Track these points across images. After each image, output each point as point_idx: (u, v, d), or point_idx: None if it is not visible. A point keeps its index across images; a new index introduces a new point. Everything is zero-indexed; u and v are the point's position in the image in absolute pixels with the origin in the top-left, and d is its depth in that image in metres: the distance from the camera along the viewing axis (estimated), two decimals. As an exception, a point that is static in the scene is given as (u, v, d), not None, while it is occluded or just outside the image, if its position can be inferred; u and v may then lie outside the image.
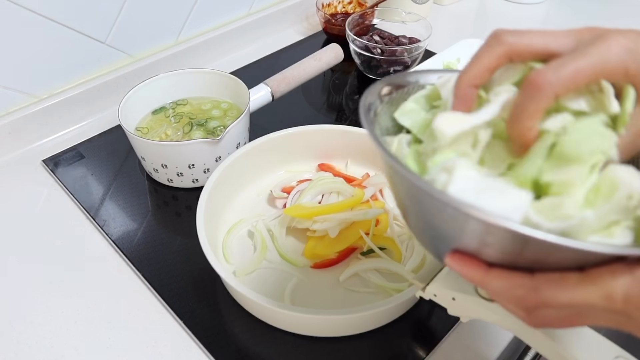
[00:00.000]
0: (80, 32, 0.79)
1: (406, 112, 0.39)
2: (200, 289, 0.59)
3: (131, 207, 0.69)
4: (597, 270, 0.27)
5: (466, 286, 0.45)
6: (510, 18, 1.15)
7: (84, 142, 0.79)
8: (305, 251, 0.61)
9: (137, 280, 0.61)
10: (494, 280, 0.30)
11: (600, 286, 0.27)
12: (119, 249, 0.63)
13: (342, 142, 0.70)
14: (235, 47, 1.00)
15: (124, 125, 0.66)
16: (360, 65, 0.92)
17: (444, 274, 0.48)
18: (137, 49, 0.88)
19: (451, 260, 0.31)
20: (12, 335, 0.56)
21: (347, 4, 1.07)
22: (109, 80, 0.85)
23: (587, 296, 0.27)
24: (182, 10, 0.91)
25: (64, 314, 0.58)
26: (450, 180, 0.30)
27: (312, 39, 1.05)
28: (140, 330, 0.56)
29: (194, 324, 0.55)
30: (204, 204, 0.58)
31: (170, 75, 0.76)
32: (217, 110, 0.76)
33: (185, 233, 0.65)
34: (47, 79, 0.80)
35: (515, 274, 0.29)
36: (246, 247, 0.62)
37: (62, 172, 0.74)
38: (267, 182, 0.69)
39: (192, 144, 0.65)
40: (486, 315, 0.44)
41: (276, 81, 0.77)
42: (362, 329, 0.54)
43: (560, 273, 0.28)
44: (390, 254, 0.60)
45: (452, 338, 0.55)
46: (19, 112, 0.77)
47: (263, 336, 0.54)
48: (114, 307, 0.58)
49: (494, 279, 0.30)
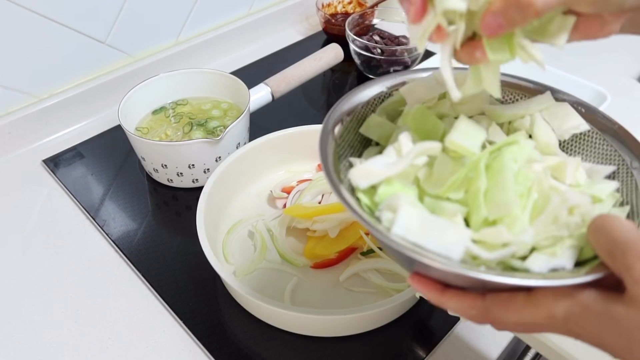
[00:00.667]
0: (80, 32, 0.79)
1: (372, 126, 0.41)
2: (200, 289, 0.59)
3: (131, 207, 0.69)
4: (542, 293, 0.29)
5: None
6: (510, 18, 1.15)
7: (84, 142, 0.79)
8: (305, 251, 0.61)
9: (137, 280, 0.61)
10: (450, 302, 0.32)
11: (544, 308, 0.29)
12: (119, 249, 0.63)
13: (342, 142, 0.70)
14: (235, 47, 1.00)
15: (124, 125, 0.66)
16: (360, 65, 0.92)
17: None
18: (137, 49, 0.88)
19: (412, 281, 0.33)
20: (12, 335, 0.56)
21: (347, 4, 1.07)
22: (109, 80, 0.85)
23: (532, 316, 0.30)
24: (182, 10, 0.91)
25: (64, 314, 0.58)
26: (395, 220, 0.32)
27: (312, 39, 1.05)
28: (140, 330, 0.56)
29: (194, 324, 0.55)
30: (204, 204, 0.58)
31: (170, 75, 0.76)
32: (217, 110, 0.76)
33: (185, 233, 0.65)
34: (47, 79, 0.80)
35: (468, 296, 0.32)
36: (246, 247, 0.62)
37: (62, 172, 0.74)
38: (267, 182, 0.69)
39: (192, 144, 0.65)
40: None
41: (276, 81, 0.77)
42: (362, 329, 0.54)
43: (508, 294, 0.31)
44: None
45: (452, 338, 0.55)
46: (19, 112, 0.77)
47: (263, 336, 0.54)
48: (114, 307, 0.58)
49: (450, 301, 0.32)
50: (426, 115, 0.39)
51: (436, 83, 0.41)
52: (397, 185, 0.34)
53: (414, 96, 0.40)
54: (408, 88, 0.41)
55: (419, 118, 0.39)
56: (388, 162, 0.35)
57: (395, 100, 0.42)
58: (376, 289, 0.57)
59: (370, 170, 0.34)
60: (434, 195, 0.35)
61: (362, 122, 0.41)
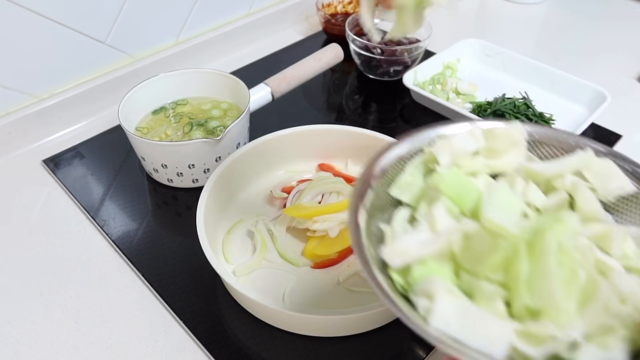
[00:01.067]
0: (80, 32, 0.79)
1: (402, 186, 0.39)
2: (200, 289, 0.59)
3: (131, 207, 0.69)
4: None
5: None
6: (510, 18, 1.15)
7: (84, 142, 0.79)
8: (305, 251, 0.61)
9: (137, 280, 0.61)
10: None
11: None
12: (119, 249, 0.63)
13: (342, 142, 0.70)
14: (235, 47, 1.00)
15: (124, 125, 0.66)
16: (360, 65, 0.92)
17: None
18: (137, 49, 0.88)
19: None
20: (12, 335, 0.56)
21: (347, 4, 1.07)
22: (109, 80, 0.85)
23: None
24: (182, 10, 0.91)
25: (64, 314, 0.58)
26: (432, 311, 0.30)
27: (312, 39, 1.05)
28: (140, 331, 0.56)
29: (194, 324, 0.55)
30: (204, 204, 0.58)
31: (170, 75, 0.76)
32: (217, 110, 0.76)
33: (185, 233, 0.65)
34: (47, 79, 0.80)
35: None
36: (246, 247, 0.62)
37: (62, 172, 0.74)
38: (267, 182, 0.69)
39: (192, 144, 0.65)
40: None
41: (276, 81, 0.77)
42: (362, 329, 0.54)
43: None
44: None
45: (452, 338, 0.55)
46: (19, 112, 0.77)
47: (263, 336, 0.54)
48: (114, 307, 0.58)
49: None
50: (460, 179, 0.37)
51: (470, 138, 0.40)
52: (432, 264, 0.33)
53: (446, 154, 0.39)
54: (440, 145, 0.39)
55: (452, 183, 0.37)
56: (422, 239, 0.34)
57: (426, 158, 0.40)
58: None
59: (404, 249, 0.33)
60: (472, 271, 0.33)
61: (391, 182, 0.39)
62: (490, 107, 0.81)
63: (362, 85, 0.93)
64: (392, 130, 0.84)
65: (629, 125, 0.83)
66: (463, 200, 0.36)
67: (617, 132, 0.81)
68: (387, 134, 0.68)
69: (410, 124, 0.85)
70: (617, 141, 0.80)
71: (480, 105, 0.82)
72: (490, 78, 0.91)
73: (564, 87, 0.86)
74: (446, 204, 0.36)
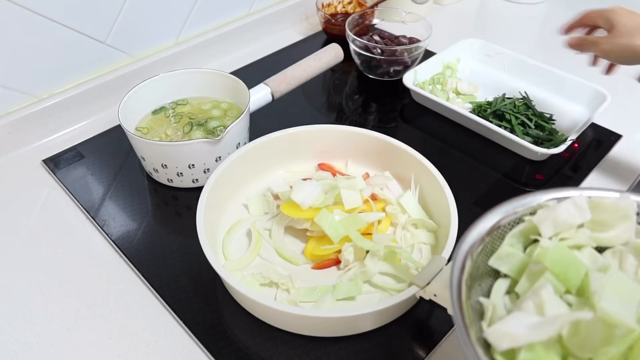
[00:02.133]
0: (80, 32, 0.79)
1: (502, 257, 0.38)
2: (200, 289, 0.59)
3: (131, 207, 0.69)
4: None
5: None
6: (511, 18, 1.15)
7: (84, 142, 0.79)
8: (305, 251, 0.61)
9: (137, 280, 0.61)
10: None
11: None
12: (119, 249, 0.63)
13: (342, 142, 0.70)
14: (235, 47, 1.00)
15: (124, 125, 0.66)
16: (360, 65, 0.92)
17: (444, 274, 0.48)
18: (137, 49, 0.88)
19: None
20: (12, 335, 0.56)
21: (347, 4, 1.07)
22: (109, 80, 0.85)
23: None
24: (182, 10, 0.91)
25: (64, 314, 0.58)
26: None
27: (312, 39, 1.05)
28: (141, 330, 0.56)
29: (194, 324, 0.55)
30: (204, 204, 0.58)
31: (170, 75, 0.76)
32: (217, 110, 0.76)
33: (185, 233, 0.65)
34: (47, 79, 0.80)
35: None
36: (246, 247, 0.62)
37: (62, 172, 0.74)
38: (267, 182, 0.69)
39: (192, 144, 0.65)
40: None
41: (276, 81, 0.77)
42: (362, 329, 0.54)
43: None
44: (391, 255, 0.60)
45: (452, 338, 0.55)
46: (19, 112, 0.77)
47: (263, 336, 0.54)
48: (114, 307, 0.58)
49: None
50: (566, 254, 0.36)
51: (575, 209, 0.38)
52: (540, 350, 0.32)
53: (549, 225, 0.38)
54: (542, 216, 0.38)
55: (557, 258, 0.35)
56: (530, 322, 0.33)
57: (527, 228, 0.39)
58: (376, 289, 0.57)
59: (512, 333, 0.32)
60: (582, 359, 0.32)
61: (489, 252, 0.38)
62: (490, 107, 0.81)
63: (362, 85, 0.93)
64: (392, 130, 0.84)
65: (629, 125, 0.83)
66: (569, 277, 0.35)
67: (617, 132, 0.81)
68: (387, 134, 0.68)
69: (410, 124, 0.85)
70: (617, 141, 0.80)
71: (481, 106, 0.83)
72: (491, 78, 0.91)
73: (564, 87, 0.86)
74: (551, 281, 0.35)
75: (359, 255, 0.59)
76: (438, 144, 0.80)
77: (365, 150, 0.70)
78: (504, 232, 0.39)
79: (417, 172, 0.65)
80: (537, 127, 0.77)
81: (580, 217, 0.38)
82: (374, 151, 0.69)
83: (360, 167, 0.72)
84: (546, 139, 0.75)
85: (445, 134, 0.81)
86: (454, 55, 0.93)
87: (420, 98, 0.85)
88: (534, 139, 0.76)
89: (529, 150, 0.72)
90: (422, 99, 0.85)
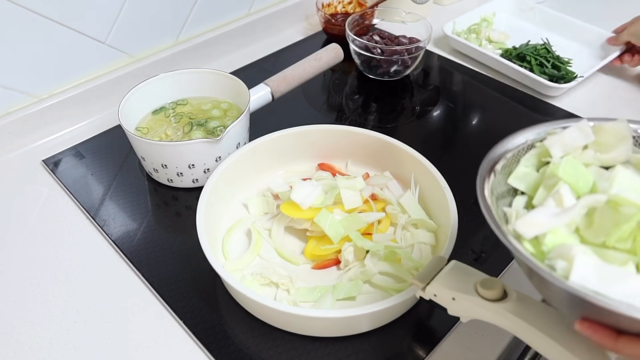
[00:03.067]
0: (80, 32, 0.79)
1: (519, 177, 0.43)
2: (200, 289, 0.59)
3: (131, 207, 0.69)
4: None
5: (466, 286, 0.45)
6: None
7: (84, 142, 0.79)
8: (305, 251, 0.61)
9: (137, 280, 0.61)
10: (626, 348, 0.32)
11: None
12: (119, 249, 0.63)
13: (342, 142, 0.70)
14: (235, 47, 1.00)
15: (124, 125, 0.66)
16: (360, 65, 0.92)
17: (444, 274, 0.48)
18: (137, 49, 0.88)
19: (581, 326, 0.34)
20: (12, 335, 0.56)
21: (347, 4, 1.07)
22: (109, 80, 0.85)
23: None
24: (182, 10, 0.91)
25: (64, 314, 0.58)
26: (572, 270, 0.33)
27: (312, 39, 1.05)
28: (140, 330, 0.56)
29: (194, 324, 0.55)
30: (204, 204, 0.58)
31: (170, 75, 0.76)
32: (217, 110, 0.76)
33: (185, 233, 0.65)
34: (47, 79, 0.80)
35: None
36: (246, 247, 0.62)
37: (62, 172, 0.74)
38: (267, 182, 0.69)
39: (192, 144, 0.65)
40: (486, 315, 0.44)
41: (276, 81, 0.77)
42: (362, 329, 0.54)
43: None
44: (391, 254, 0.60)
45: (452, 338, 0.55)
46: (19, 112, 0.77)
47: (263, 336, 0.54)
48: (114, 307, 0.58)
49: (626, 347, 0.32)
50: (576, 166, 0.41)
51: (580, 133, 0.42)
52: (562, 235, 0.37)
53: (558, 147, 0.42)
54: (552, 140, 0.43)
55: (569, 170, 0.40)
56: (552, 212, 0.38)
57: (539, 152, 0.44)
58: (376, 289, 0.57)
59: (537, 221, 0.37)
60: (598, 244, 0.37)
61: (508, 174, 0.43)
62: (514, 51, 0.93)
63: (362, 85, 0.93)
64: (392, 130, 0.84)
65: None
66: (580, 186, 0.40)
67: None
68: (387, 134, 0.67)
69: (410, 124, 0.85)
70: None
71: (507, 50, 0.96)
72: (522, 29, 1.04)
73: (584, 35, 0.99)
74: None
75: (359, 255, 0.59)
76: (439, 143, 0.80)
77: (365, 150, 0.70)
78: (519, 156, 0.44)
79: (417, 172, 0.65)
80: (554, 68, 0.88)
81: (585, 139, 0.42)
82: (374, 151, 0.69)
83: (360, 167, 0.72)
84: (560, 77, 0.87)
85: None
86: (491, 9, 1.05)
87: (456, 44, 0.98)
88: (549, 77, 0.87)
89: (544, 85, 0.85)
90: (457, 44, 0.98)
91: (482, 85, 0.92)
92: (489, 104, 0.89)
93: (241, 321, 0.55)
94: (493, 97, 0.90)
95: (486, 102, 0.89)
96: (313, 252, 0.60)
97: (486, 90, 0.91)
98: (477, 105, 0.89)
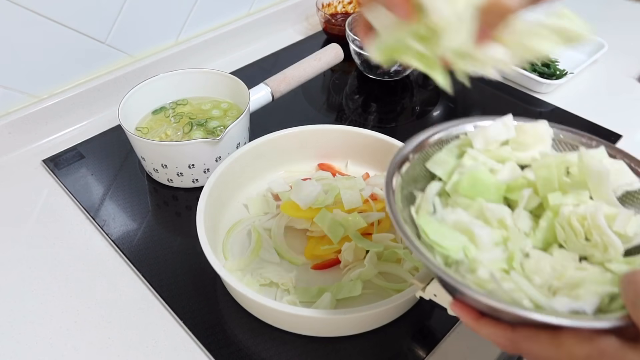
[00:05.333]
0: (80, 32, 0.79)
1: (437, 162, 0.45)
2: (200, 289, 0.59)
3: (131, 207, 0.69)
4: (566, 334, 0.32)
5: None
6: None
7: (84, 142, 0.79)
8: (305, 251, 0.61)
9: (137, 280, 0.61)
10: (484, 328, 0.37)
11: (566, 350, 0.32)
12: (119, 249, 0.63)
13: (342, 142, 0.70)
14: (235, 47, 1.00)
15: (124, 125, 0.66)
16: (360, 65, 0.92)
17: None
18: (137, 49, 0.88)
19: (453, 306, 0.39)
20: (12, 335, 0.56)
21: (347, 4, 1.07)
22: (109, 80, 0.84)
23: (554, 354, 0.33)
24: (182, 10, 0.91)
25: (64, 314, 0.58)
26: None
27: (312, 39, 1.05)
28: (140, 330, 0.56)
29: (194, 324, 0.55)
30: (204, 204, 0.58)
31: (170, 75, 0.76)
32: (217, 110, 0.76)
33: (185, 233, 0.65)
34: (47, 79, 0.80)
35: (499, 326, 0.36)
36: (246, 247, 0.62)
37: (62, 172, 0.74)
38: (267, 182, 0.69)
39: (192, 144, 0.65)
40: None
41: (276, 81, 0.77)
42: (362, 329, 0.54)
43: (535, 330, 0.34)
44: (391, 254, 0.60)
45: (452, 338, 0.55)
46: (19, 112, 0.77)
47: (263, 336, 0.54)
48: (113, 307, 0.58)
49: (484, 327, 0.37)
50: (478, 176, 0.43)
51: (503, 128, 0.45)
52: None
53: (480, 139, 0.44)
54: (476, 132, 0.45)
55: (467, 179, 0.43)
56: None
57: (462, 142, 0.46)
58: (376, 289, 0.57)
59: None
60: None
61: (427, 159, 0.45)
62: None
63: (362, 85, 0.93)
64: (392, 130, 0.84)
65: (629, 125, 0.83)
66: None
67: (617, 132, 0.81)
68: (387, 134, 0.67)
69: (410, 124, 0.85)
70: (617, 141, 0.80)
71: None
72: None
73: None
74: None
75: (359, 255, 0.59)
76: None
77: (365, 150, 0.70)
78: (443, 144, 0.46)
79: (417, 172, 0.65)
80: (544, 66, 0.91)
81: (507, 134, 0.45)
82: (374, 151, 0.69)
83: (360, 167, 0.72)
84: (550, 74, 0.90)
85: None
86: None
87: None
88: (540, 74, 0.90)
89: (536, 82, 0.88)
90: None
91: (482, 85, 0.92)
92: (489, 104, 0.89)
93: (241, 321, 0.55)
94: (493, 96, 0.90)
95: (486, 102, 0.89)
96: (313, 252, 0.60)
97: (486, 89, 0.91)
98: (477, 105, 0.89)
